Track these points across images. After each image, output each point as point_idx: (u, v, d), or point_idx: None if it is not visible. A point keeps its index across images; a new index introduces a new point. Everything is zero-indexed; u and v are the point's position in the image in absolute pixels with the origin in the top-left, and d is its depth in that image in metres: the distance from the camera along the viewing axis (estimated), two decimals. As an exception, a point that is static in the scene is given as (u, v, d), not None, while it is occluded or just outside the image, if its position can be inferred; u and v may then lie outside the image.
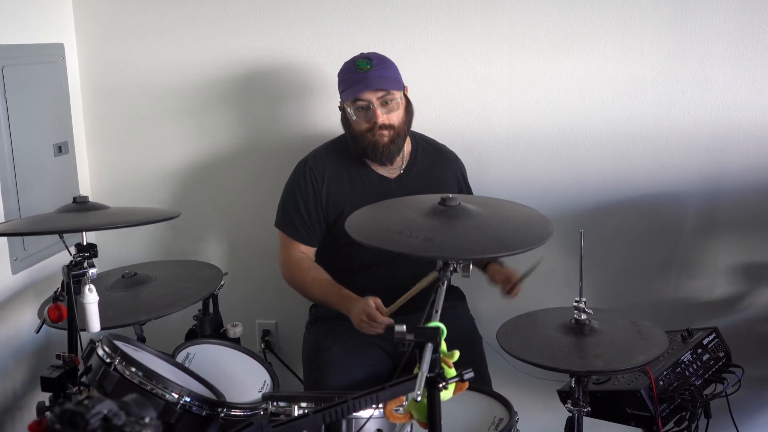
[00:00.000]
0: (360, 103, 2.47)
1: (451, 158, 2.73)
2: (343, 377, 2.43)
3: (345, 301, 2.46)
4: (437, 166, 2.67)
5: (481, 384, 2.34)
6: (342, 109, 2.57)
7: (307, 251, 2.64)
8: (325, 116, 2.97)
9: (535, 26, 2.77)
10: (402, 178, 2.61)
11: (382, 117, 2.46)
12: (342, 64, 2.57)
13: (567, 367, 2.01)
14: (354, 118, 2.50)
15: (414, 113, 2.59)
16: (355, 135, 2.52)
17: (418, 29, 2.85)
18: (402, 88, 2.53)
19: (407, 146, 2.62)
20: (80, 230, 2.18)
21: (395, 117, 2.49)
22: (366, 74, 2.45)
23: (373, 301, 2.33)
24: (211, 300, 2.64)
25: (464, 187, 2.74)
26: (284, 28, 2.95)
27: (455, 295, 2.74)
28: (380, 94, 2.45)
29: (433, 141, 2.74)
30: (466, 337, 2.59)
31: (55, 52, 3.01)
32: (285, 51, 2.97)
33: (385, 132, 2.48)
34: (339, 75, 2.56)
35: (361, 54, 2.55)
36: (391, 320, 2.29)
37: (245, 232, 3.18)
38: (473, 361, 2.45)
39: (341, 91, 2.54)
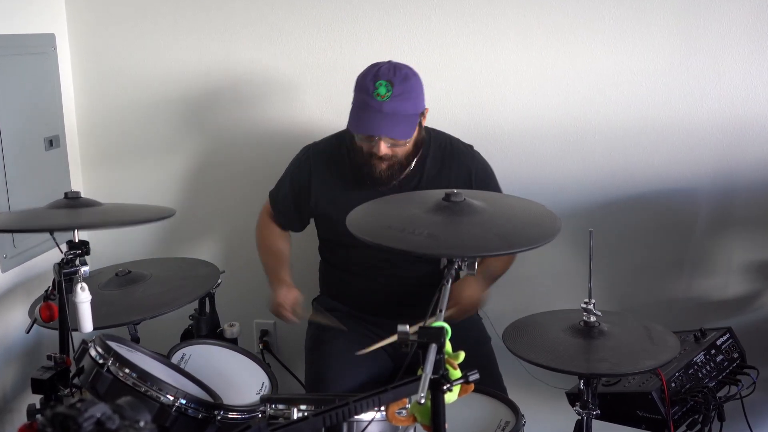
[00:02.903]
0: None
1: (463, 157, 2.58)
2: (344, 371, 2.43)
3: (274, 282, 2.55)
4: (445, 170, 2.55)
5: (493, 384, 2.34)
6: None
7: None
8: (324, 112, 2.97)
9: (542, 17, 2.76)
10: (404, 184, 2.50)
11: (385, 150, 2.37)
12: (342, 55, 2.56)
13: (571, 369, 2.01)
14: (356, 138, 2.42)
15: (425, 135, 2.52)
16: (355, 149, 2.46)
17: (420, 20, 2.84)
18: (414, 132, 2.39)
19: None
20: (72, 228, 2.18)
21: (400, 151, 2.40)
22: (381, 105, 2.30)
23: (291, 300, 2.45)
24: (207, 299, 2.64)
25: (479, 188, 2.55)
26: (284, 22, 2.95)
27: None
28: None
29: (449, 141, 2.60)
30: (474, 338, 2.59)
31: (46, 42, 3.00)
32: (284, 42, 2.97)
33: (385, 162, 2.40)
34: (356, 84, 2.42)
35: (390, 66, 2.38)
36: (296, 321, 2.46)
37: (243, 229, 3.18)
38: (483, 361, 2.45)
39: (351, 108, 2.42)
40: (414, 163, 2.51)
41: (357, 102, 2.39)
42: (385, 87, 2.31)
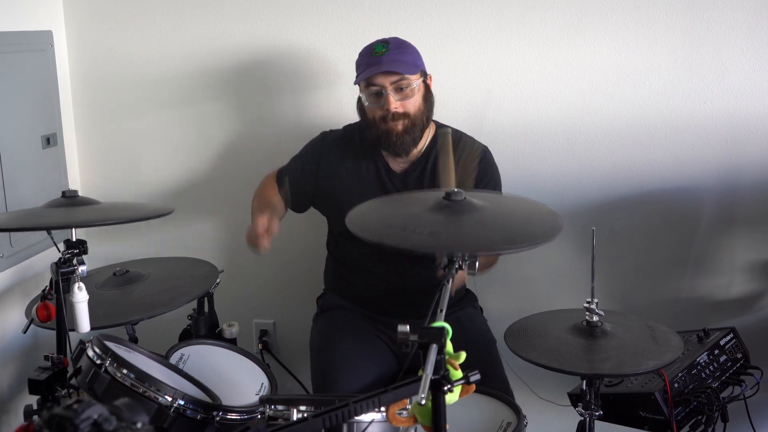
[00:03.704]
0: (373, 88, 2.45)
1: (472, 149, 2.60)
2: (350, 371, 2.44)
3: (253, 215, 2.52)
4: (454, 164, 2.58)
5: (500, 386, 2.34)
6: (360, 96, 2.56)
7: None
8: (326, 108, 2.96)
9: (545, 13, 2.76)
10: (410, 173, 2.58)
11: (395, 104, 2.43)
12: (342, 52, 2.56)
13: (573, 369, 2.01)
14: (367, 104, 2.48)
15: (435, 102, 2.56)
16: (369, 123, 2.52)
17: (422, 16, 2.84)
18: (418, 72, 2.49)
19: (426, 138, 2.57)
20: (69, 226, 2.18)
21: (410, 105, 2.46)
22: (380, 58, 2.43)
23: (263, 222, 2.40)
24: (206, 299, 2.63)
25: (485, 183, 2.59)
26: (283, 15, 2.95)
27: (467, 297, 2.74)
28: (394, 78, 2.42)
29: (460, 135, 2.62)
30: (480, 339, 2.59)
31: (44, 39, 3.00)
32: (283, 39, 2.96)
33: (399, 121, 2.45)
34: (357, 61, 2.54)
35: (381, 39, 2.52)
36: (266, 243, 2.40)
37: (241, 227, 3.17)
38: (489, 364, 2.45)
39: (356, 76, 2.51)
40: (423, 150, 2.56)
41: (359, 66, 2.51)
42: (381, 46, 2.47)
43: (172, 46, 3.06)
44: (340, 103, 2.92)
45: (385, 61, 2.42)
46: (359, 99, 2.55)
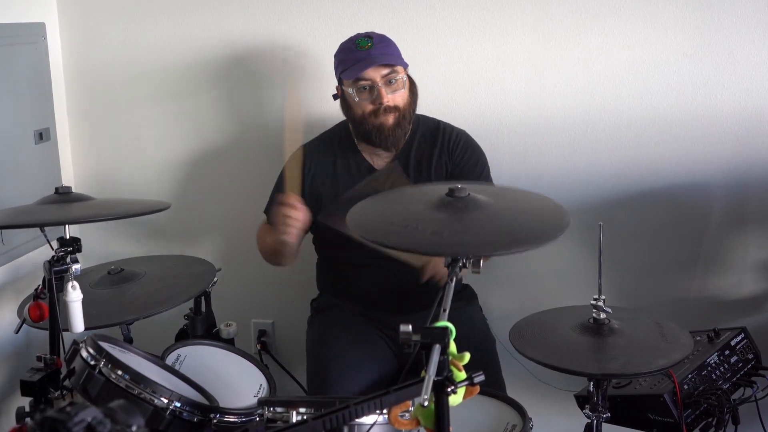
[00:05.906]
0: (363, 82, 2.46)
1: (452, 134, 2.64)
2: (348, 371, 2.43)
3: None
4: (435, 153, 2.61)
5: (495, 389, 2.34)
6: (339, 96, 2.58)
7: None
8: (324, 103, 2.95)
9: (551, 4, 2.75)
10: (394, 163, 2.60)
11: (387, 98, 2.46)
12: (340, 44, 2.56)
13: (581, 369, 2.01)
14: (356, 99, 2.49)
15: (419, 94, 2.59)
16: (358, 119, 2.52)
17: (424, 7, 2.83)
18: (405, 65, 2.53)
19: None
20: (63, 223, 2.18)
21: (400, 98, 2.50)
22: (368, 52, 2.46)
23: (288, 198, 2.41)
24: (203, 298, 2.64)
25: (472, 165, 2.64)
26: (281, 8, 2.94)
27: (466, 294, 2.74)
28: (384, 71, 2.46)
29: (437, 122, 2.68)
30: (478, 338, 2.59)
31: (36, 31, 3.00)
32: (281, 33, 2.96)
33: (391, 114, 2.48)
34: (337, 56, 2.56)
35: (358, 34, 2.55)
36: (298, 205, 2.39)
37: (240, 224, 3.18)
38: (486, 364, 2.44)
39: (341, 72, 2.52)
40: (402, 142, 2.59)
41: (345, 62, 2.51)
42: (365, 40, 2.50)
43: (167, 39, 3.06)
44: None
45: (374, 54, 2.46)
46: (343, 95, 2.56)
